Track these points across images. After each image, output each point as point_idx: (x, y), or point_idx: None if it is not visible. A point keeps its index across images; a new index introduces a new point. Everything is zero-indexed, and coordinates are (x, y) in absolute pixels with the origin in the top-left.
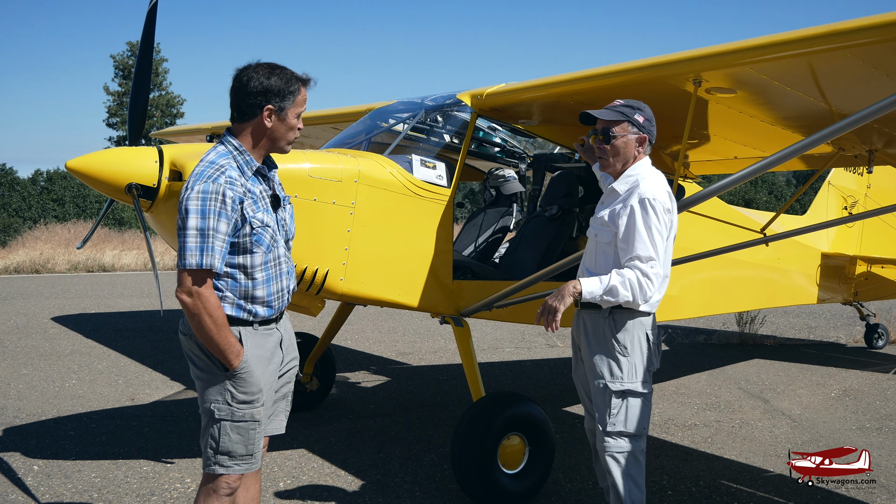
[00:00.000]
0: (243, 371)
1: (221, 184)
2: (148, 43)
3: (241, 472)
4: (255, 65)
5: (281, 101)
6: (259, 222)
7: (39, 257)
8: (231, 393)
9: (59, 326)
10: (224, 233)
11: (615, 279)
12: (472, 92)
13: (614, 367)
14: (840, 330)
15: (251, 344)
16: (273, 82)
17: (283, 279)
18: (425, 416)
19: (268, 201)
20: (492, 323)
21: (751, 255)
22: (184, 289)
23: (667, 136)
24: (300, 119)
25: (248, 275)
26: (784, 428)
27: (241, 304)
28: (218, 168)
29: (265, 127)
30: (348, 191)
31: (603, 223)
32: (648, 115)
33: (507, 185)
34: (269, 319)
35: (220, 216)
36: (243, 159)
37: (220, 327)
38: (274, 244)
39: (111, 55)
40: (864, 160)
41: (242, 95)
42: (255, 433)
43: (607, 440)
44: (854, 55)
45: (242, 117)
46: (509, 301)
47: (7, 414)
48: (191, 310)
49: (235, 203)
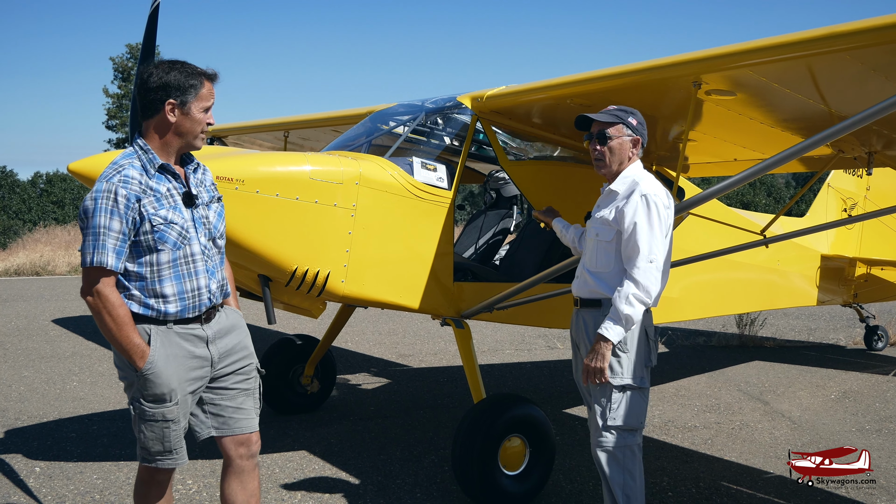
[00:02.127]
0: (149, 371)
1: (115, 182)
2: (150, 45)
3: (167, 468)
4: (156, 63)
5: (182, 95)
6: (161, 220)
7: (40, 259)
8: (141, 392)
9: (59, 329)
10: (118, 231)
11: (624, 308)
12: (473, 94)
13: (614, 364)
14: (840, 332)
15: (161, 343)
16: (172, 77)
17: (198, 277)
18: (426, 418)
19: (177, 199)
20: (492, 325)
21: (750, 256)
22: (85, 288)
23: (666, 137)
24: (209, 113)
25: (156, 273)
26: (784, 430)
27: (149, 303)
28: (116, 168)
29: (169, 122)
30: (349, 193)
31: (604, 222)
32: (640, 119)
33: (507, 188)
34: (188, 319)
35: (111, 214)
36: (147, 158)
37: (120, 326)
38: (184, 241)
39: (110, 57)
40: (864, 162)
41: (144, 92)
42: (171, 431)
43: (605, 434)
44: (853, 57)
45: (146, 114)
46: (510, 303)
47: (9, 416)
48: (91, 308)
49: (131, 202)
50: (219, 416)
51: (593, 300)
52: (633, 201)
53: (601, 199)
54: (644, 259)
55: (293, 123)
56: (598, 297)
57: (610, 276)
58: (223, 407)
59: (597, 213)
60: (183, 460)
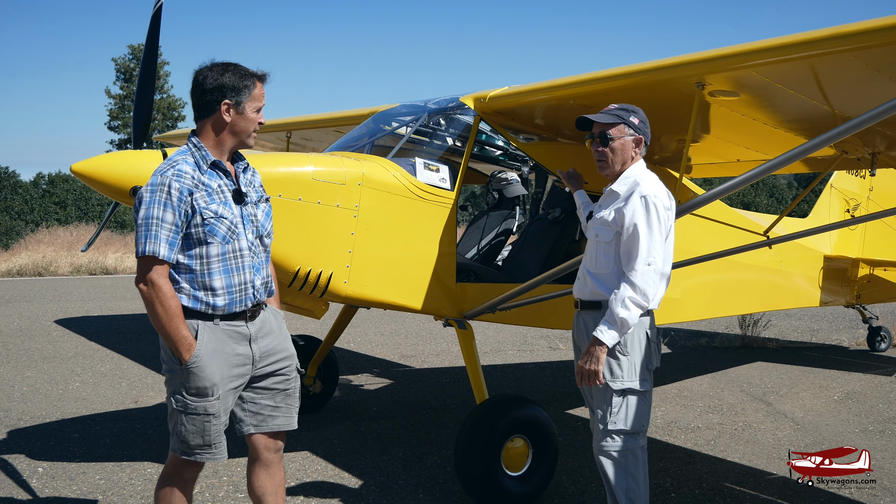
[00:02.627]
0: (194, 365)
1: (168, 176)
2: (153, 46)
3: (203, 462)
4: (209, 64)
5: (237, 96)
6: (212, 213)
7: (42, 260)
8: (185, 385)
9: (62, 329)
10: (171, 222)
11: (619, 311)
12: (476, 95)
13: (614, 366)
14: (843, 333)
15: (208, 338)
16: (227, 79)
17: (244, 272)
18: (428, 419)
19: (228, 195)
20: (494, 325)
21: (753, 257)
22: (138, 277)
23: (670, 138)
24: (260, 113)
25: (205, 265)
26: (787, 431)
27: (198, 296)
28: (171, 163)
29: (224, 121)
30: (352, 194)
31: (604, 223)
32: (642, 117)
33: (509, 188)
34: (234, 314)
35: (164, 206)
36: (200, 154)
37: (171, 318)
38: (233, 236)
39: (112, 58)
40: (867, 163)
41: (200, 93)
42: (211, 426)
43: (607, 439)
44: (857, 58)
45: (201, 114)
46: (512, 304)
47: (11, 416)
48: (145, 297)
49: (183, 195)
50: (257, 414)
51: (593, 302)
52: (632, 202)
53: (602, 199)
54: (642, 262)
55: (296, 124)
56: (598, 298)
57: (609, 278)
58: (262, 406)
59: (598, 213)
60: (221, 456)
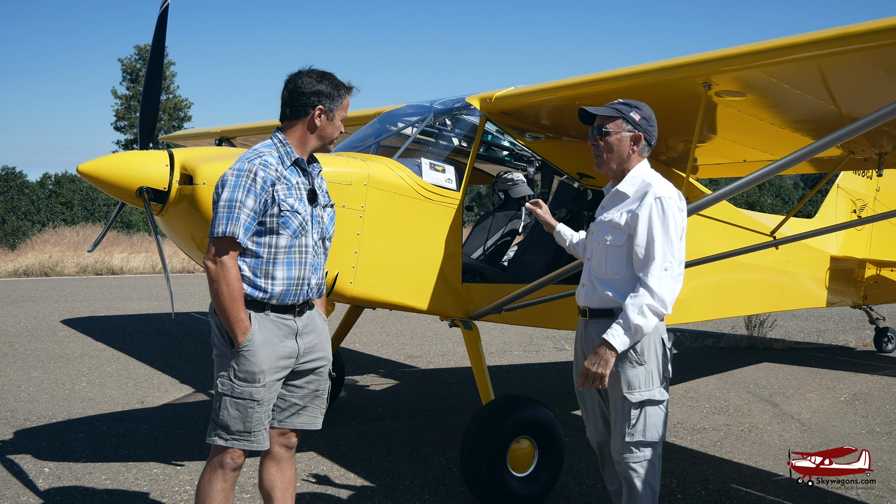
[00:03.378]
0: (246, 349)
1: (256, 164)
2: (159, 46)
3: (242, 448)
4: (307, 70)
5: (331, 103)
6: (288, 206)
7: (48, 260)
8: (234, 369)
9: (68, 329)
10: (251, 208)
11: (635, 318)
12: (482, 95)
13: (631, 378)
14: (849, 333)
15: (259, 326)
16: (324, 86)
17: (306, 268)
18: (434, 420)
19: (303, 193)
20: (500, 326)
21: (760, 258)
22: (209, 255)
23: (676, 139)
24: (342, 122)
25: (272, 254)
26: (793, 432)
27: (257, 283)
28: (257, 153)
29: (315, 125)
30: (358, 194)
31: (615, 226)
32: (647, 114)
33: (515, 189)
34: (286, 307)
35: (248, 192)
36: (284, 150)
37: (234, 299)
38: (303, 232)
39: (119, 59)
40: (874, 163)
41: (297, 95)
42: (254, 412)
43: (626, 452)
44: (865, 58)
45: (294, 115)
46: (518, 304)
47: (18, 416)
48: (212, 276)
49: (266, 184)
50: (285, 410)
51: (605, 310)
52: (647, 205)
53: (606, 201)
54: (659, 267)
55: None
56: (611, 306)
57: (622, 283)
58: (291, 403)
59: (603, 215)
60: (261, 444)
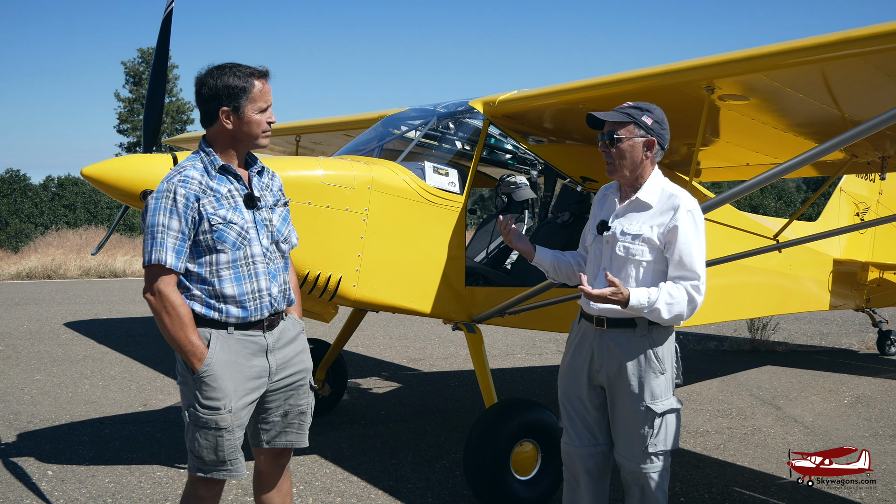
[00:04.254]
0: (206, 375)
1: (174, 182)
2: (163, 49)
3: (220, 479)
4: (206, 71)
5: (234, 101)
6: (220, 219)
7: (51, 263)
8: (197, 397)
9: (71, 332)
10: (177, 230)
11: (663, 300)
12: (485, 99)
13: (655, 388)
14: (852, 336)
15: (221, 348)
16: (223, 84)
17: (258, 279)
18: (437, 422)
19: (239, 200)
20: (503, 329)
21: (762, 261)
22: (146, 287)
23: (679, 142)
24: (266, 112)
25: (215, 273)
26: (797, 435)
27: (210, 304)
28: (178, 169)
29: (226, 128)
30: (361, 197)
31: (646, 240)
32: (659, 117)
33: (518, 192)
34: (249, 323)
35: (170, 213)
36: (208, 159)
37: (180, 327)
38: (244, 242)
39: (122, 62)
40: (877, 167)
41: (200, 103)
42: (224, 441)
43: (646, 462)
44: (868, 62)
45: (208, 122)
46: (521, 307)
47: (21, 419)
48: (152, 307)
49: (190, 201)
50: (269, 430)
51: (626, 319)
52: (681, 219)
53: (623, 209)
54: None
55: (305, 128)
56: (631, 315)
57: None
58: (274, 422)
59: (625, 225)
60: (239, 473)
